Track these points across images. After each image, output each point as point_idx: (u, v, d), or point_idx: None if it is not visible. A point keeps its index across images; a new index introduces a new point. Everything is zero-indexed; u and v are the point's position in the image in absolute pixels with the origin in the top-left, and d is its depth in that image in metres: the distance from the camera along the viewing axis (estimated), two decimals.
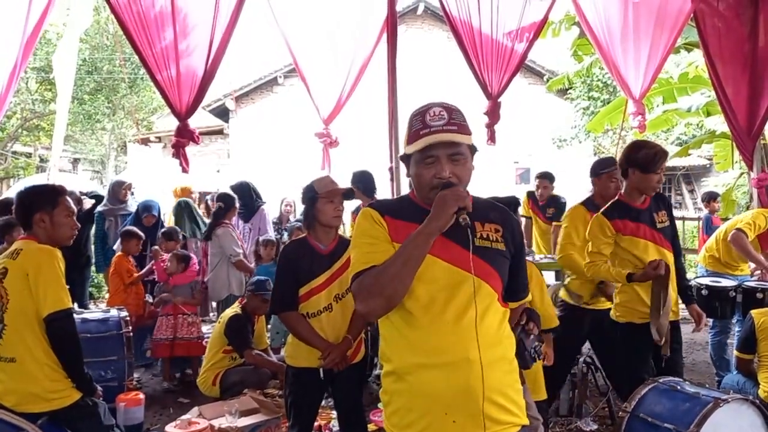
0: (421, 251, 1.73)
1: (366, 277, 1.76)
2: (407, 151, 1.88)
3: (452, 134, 1.80)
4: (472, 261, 1.80)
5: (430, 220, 1.75)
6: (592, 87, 13.87)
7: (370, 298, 1.73)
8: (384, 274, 1.72)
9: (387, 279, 1.71)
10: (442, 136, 1.79)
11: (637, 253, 3.46)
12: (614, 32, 6.76)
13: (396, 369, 1.83)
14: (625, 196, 3.59)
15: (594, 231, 3.55)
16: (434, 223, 1.74)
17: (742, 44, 6.58)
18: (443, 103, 1.88)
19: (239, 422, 3.74)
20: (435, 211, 1.75)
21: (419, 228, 1.75)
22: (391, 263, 1.72)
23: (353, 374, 3.13)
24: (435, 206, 1.76)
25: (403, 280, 1.72)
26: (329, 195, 3.05)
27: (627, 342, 3.52)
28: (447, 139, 1.79)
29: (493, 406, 1.76)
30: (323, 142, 6.90)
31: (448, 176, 1.80)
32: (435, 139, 1.79)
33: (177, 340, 5.22)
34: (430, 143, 1.79)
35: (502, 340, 1.85)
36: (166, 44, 5.45)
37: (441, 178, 1.81)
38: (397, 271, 1.71)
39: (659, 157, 3.42)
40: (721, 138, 8.98)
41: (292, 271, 3.06)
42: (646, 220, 3.52)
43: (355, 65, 6.75)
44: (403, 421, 1.80)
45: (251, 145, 17.60)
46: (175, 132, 5.71)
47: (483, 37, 6.56)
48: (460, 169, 1.84)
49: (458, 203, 1.75)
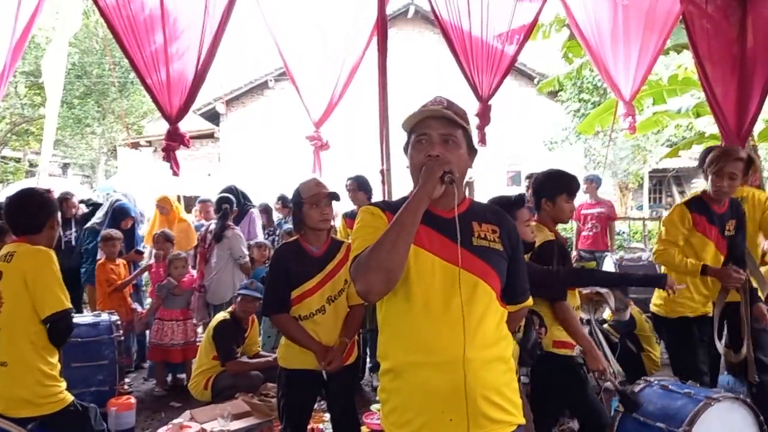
0: (413, 218, 1.72)
1: (362, 255, 1.75)
2: (403, 128, 1.92)
3: (446, 110, 1.84)
4: (467, 258, 1.81)
5: (418, 187, 1.77)
6: (582, 89, 13.93)
7: (369, 274, 1.70)
8: (380, 247, 1.70)
9: (383, 251, 1.69)
10: (435, 110, 1.84)
11: (698, 252, 3.59)
12: (604, 34, 6.80)
13: (393, 367, 1.84)
14: (707, 196, 3.69)
15: (674, 220, 3.64)
16: (422, 189, 1.76)
17: (730, 46, 6.61)
18: (445, 97, 1.95)
19: (231, 425, 3.73)
20: (422, 179, 1.78)
21: (410, 197, 1.76)
22: (386, 235, 1.71)
23: (346, 376, 3.12)
24: (422, 175, 1.78)
25: (399, 249, 1.69)
26: (314, 199, 3.04)
27: (682, 336, 3.59)
28: (439, 114, 1.83)
29: (490, 405, 1.77)
30: (314, 145, 6.89)
31: (437, 154, 1.82)
32: (429, 112, 1.84)
33: (170, 346, 5.19)
34: (425, 116, 1.84)
35: (499, 341, 1.85)
36: (156, 48, 5.42)
37: (430, 156, 1.82)
38: (392, 241, 1.69)
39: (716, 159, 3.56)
40: (710, 139, 9.03)
41: (284, 274, 3.04)
42: (719, 224, 3.64)
43: (346, 68, 6.74)
44: (400, 419, 1.81)
45: (242, 148, 17.58)
46: (166, 136, 5.68)
47: (473, 40, 6.57)
48: (452, 152, 1.85)
49: (443, 167, 1.78)
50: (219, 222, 6.00)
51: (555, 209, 3.26)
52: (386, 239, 1.70)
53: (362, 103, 9.41)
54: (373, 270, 1.70)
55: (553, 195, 3.26)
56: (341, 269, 3.08)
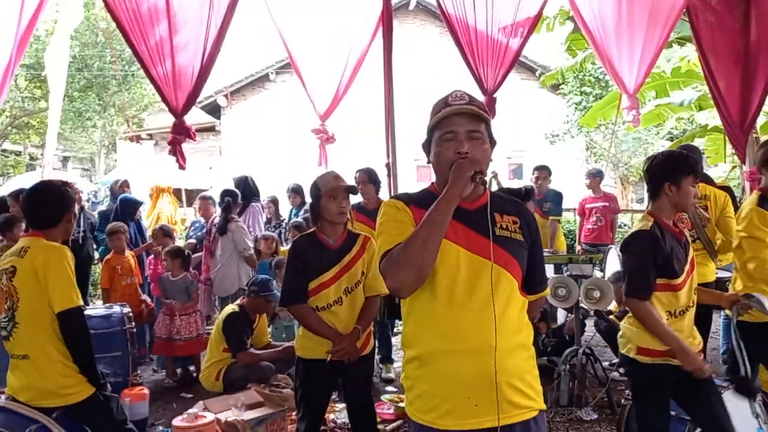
0: (444, 218, 1.77)
1: (393, 252, 1.79)
2: (429, 128, 1.95)
3: (471, 107, 1.89)
4: (493, 249, 1.84)
5: (449, 186, 1.81)
6: (584, 82, 13.94)
7: (400, 271, 1.75)
8: (412, 245, 1.75)
9: (415, 249, 1.74)
10: (462, 107, 1.88)
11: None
12: (608, 27, 6.80)
13: (420, 355, 1.88)
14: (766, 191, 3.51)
15: (757, 225, 3.39)
16: (453, 189, 1.80)
17: (734, 39, 6.61)
18: (464, 91, 1.98)
19: (245, 415, 3.76)
20: (453, 178, 1.82)
21: (440, 196, 1.81)
22: (417, 233, 1.77)
23: (363, 366, 3.15)
24: (452, 174, 1.82)
25: (430, 248, 1.75)
26: (332, 192, 3.07)
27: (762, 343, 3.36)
28: (467, 110, 1.88)
29: (514, 391, 1.82)
30: (320, 138, 6.90)
31: (466, 151, 1.86)
32: (455, 110, 1.87)
33: (176, 341, 5.22)
34: (450, 113, 1.88)
35: (522, 328, 1.90)
36: (161, 39, 5.40)
37: (459, 153, 1.86)
38: (424, 239, 1.74)
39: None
40: (713, 132, 9.06)
41: (302, 266, 3.08)
42: None
43: (351, 61, 6.76)
44: (426, 405, 1.85)
45: (243, 141, 17.57)
46: (172, 129, 5.67)
47: (478, 33, 6.57)
48: (478, 148, 1.89)
49: (474, 167, 1.83)
50: (222, 214, 6.03)
51: (680, 194, 2.88)
52: (418, 237, 1.75)
53: (367, 96, 9.42)
54: (404, 267, 1.75)
55: (678, 178, 2.87)
56: (358, 261, 3.12)
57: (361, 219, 5.12)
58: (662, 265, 2.78)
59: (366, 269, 3.15)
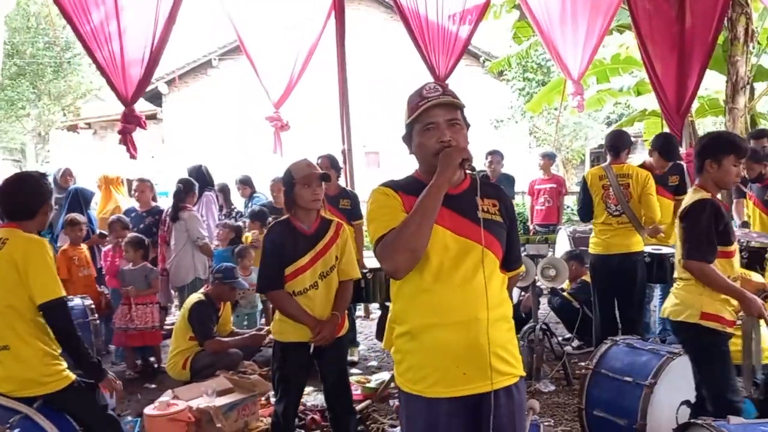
0: (435, 203, 1.90)
1: (388, 237, 1.92)
2: (408, 122, 2.05)
3: (447, 97, 2.01)
4: (478, 231, 1.98)
5: (438, 174, 1.93)
6: (527, 68, 14.25)
7: (396, 254, 1.89)
8: (406, 230, 1.88)
9: (409, 233, 1.88)
10: (440, 99, 1.99)
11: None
12: (553, 15, 7.01)
13: (410, 329, 2.01)
14: None
15: None
16: (443, 176, 1.92)
17: (670, 26, 6.91)
18: (436, 81, 2.08)
19: (216, 402, 3.77)
20: (441, 166, 1.94)
21: (431, 182, 1.93)
22: (410, 219, 1.90)
23: (338, 347, 3.24)
24: (441, 161, 1.94)
25: (423, 231, 1.89)
26: (305, 180, 3.11)
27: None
28: (444, 101, 1.99)
29: (498, 359, 1.97)
30: (274, 125, 6.89)
31: (449, 139, 1.98)
32: (434, 102, 1.98)
33: (131, 330, 5.16)
34: (430, 105, 1.98)
35: (503, 302, 2.06)
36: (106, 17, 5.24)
37: (443, 141, 1.98)
38: (417, 224, 1.88)
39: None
40: (651, 116, 9.46)
41: (277, 252, 3.14)
42: None
43: (304, 47, 6.73)
44: (417, 375, 1.99)
45: (187, 129, 17.22)
46: (121, 117, 5.55)
47: (429, 20, 6.69)
48: (458, 134, 2.01)
49: (461, 155, 1.95)
50: (173, 202, 5.95)
51: (720, 171, 3.04)
52: (411, 222, 1.89)
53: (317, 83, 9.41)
54: (399, 251, 1.89)
55: (719, 156, 3.04)
56: (332, 246, 3.20)
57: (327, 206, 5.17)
58: (722, 231, 2.99)
59: (340, 254, 3.23)
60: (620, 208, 4.70)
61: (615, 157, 4.88)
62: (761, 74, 8.05)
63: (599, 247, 4.77)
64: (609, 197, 4.74)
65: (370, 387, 4.47)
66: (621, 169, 4.80)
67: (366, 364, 5.31)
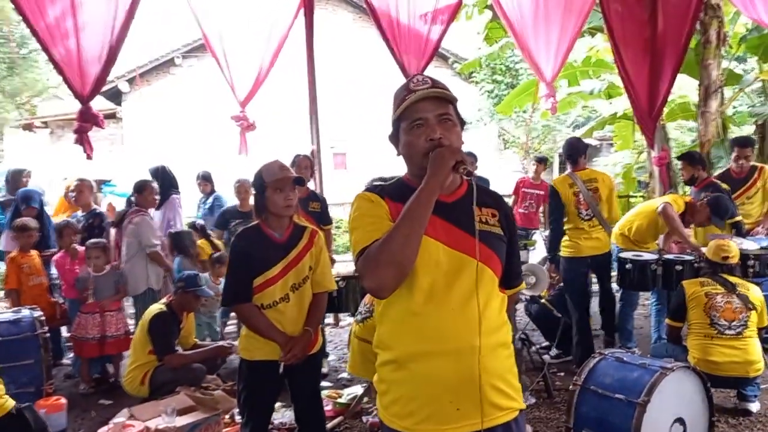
0: (425, 211, 1.65)
1: (372, 249, 1.65)
2: (395, 118, 1.80)
3: (436, 89, 1.77)
4: (475, 245, 1.73)
5: (428, 177, 1.67)
6: (496, 71, 14.22)
7: (380, 269, 1.62)
8: (391, 242, 1.62)
9: (396, 245, 1.62)
10: (428, 92, 1.75)
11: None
12: (526, 16, 6.92)
13: (397, 357, 1.75)
14: None
15: None
16: (434, 180, 1.67)
17: (643, 29, 6.88)
18: (425, 74, 1.84)
19: (177, 422, 3.51)
20: (433, 168, 1.68)
21: (420, 187, 1.68)
22: (397, 229, 1.63)
23: (310, 365, 2.99)
24: (432, 163, 1.69)
25: (411, 243, 1.63)
26: (278, 184, 2.86)
27: None
28: (433, 94, 1.75)
29: (496, 392, 1.73)
30: (240, 125, 6.61)
31: (439, 136, 1.74)
32: (422, 95, 1.74)
33: (107, 338, 4.83)
34: (417, 99, 1.74)
35: (502, 326, 1.81)
36: (62, 14, 5.01)
37: (432, 139, 1.74)
38: (405, 236, 1.62)
39: None
40: (621, 120, 9.46)
41: (246, 261, 2.88)
42: None
43: (271, 46, 6.50)
44: (404, 410, 1.73)
45: (148, 129, 16.75)
46: (78, 116, 5.29)
47: (400, 20, 6.54)
48: (450, 132, 1.77)
49: (455, 157, 1.70)
50: (125, 206, 5.62)
51: None
52: (398, 233, 1.63)
53: (284, 82, 9.16)
54: (384, 265, 1.62)
55: None
56: (305, 256, 2.95)
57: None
58: None
59: (314, 264, 2.98)
60: (590, 212, 4.95)
61: (575, 165, 5.14)
62: (732, 78, 8.09)
63: (572, 249, 4.99)
64: (580, 203, 4.97)
65: (341, 402, 4.22)
66: (586, 175, 5.09)
67: (336, 376, 5.07)
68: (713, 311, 3.99)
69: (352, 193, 1.98)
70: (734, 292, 4.05)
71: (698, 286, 4.14)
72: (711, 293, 4.06)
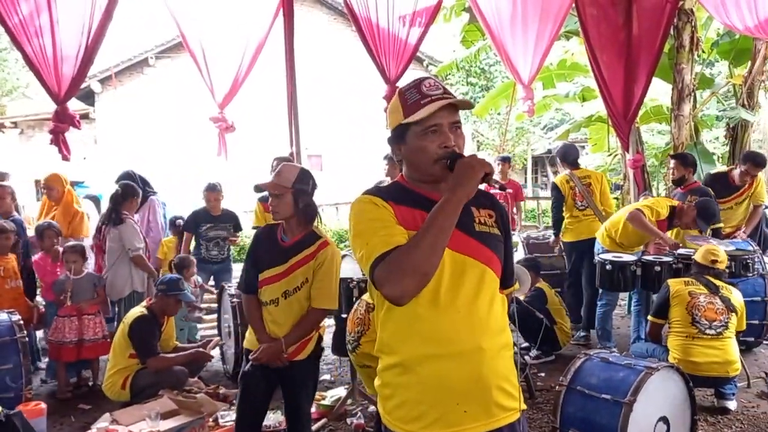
0: (452, 221, 1.64)
1: (394, 257, 1.63)
2: (409, 121, 1.76)
3: (459, 99, 1.78)
4: (477, 247, 1.75)
5: (456, 187, 1.66)
6: (470, 73, 14.34)
7: (404, 278, 1.61)
8: (417, 250, 1.61)
9: (421, 255, 1.60)
10: (449, 99, 1.74)
11: None
12: (504, 18, 6.98)
13: (403, 361, 1.74)
14: None
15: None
16: (462, 191, 1.66)
17: (617, 32, 6.98)
18: (434, 78, 1.84)
19: (161, 426, 3.47)
20: (462, 179, 1.67)
21: (446, 197, 1.66)
22: (423, 238, 1.62)
23: (295, 373, 2.96)
24: (461, 173, 1.67)
25: (437, 252, 1.62)
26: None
27: None
28: (453, 102, 1.75)
29: (502, 394, 1.74)
30: (219, 127, 6.55)
31: (453, 144, 1.74)
32: (443, 103, 1.72)
33: (85, 342, 4.75)
34: (437, 108, 1.72)
35: (505, 327, 1.82)
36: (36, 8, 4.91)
37: (447, 147, 1.74)
38: (431, 245, 1.61)
39: None
40: (596, 122, 9.60)
41: (253, 256, 3.01)
42: None
43: (250, 47, 6.44)
44: (410, 414, 1.72)
45: (121, 130, 16.54)
46: (53, 116, 5.21)
47: (380, 22, 6.54)
48: (460, 139, 1.79)
49: (485, 169, 1.68)
50: (109, 207, 5.54)
51: None
52: (423, 243, 1.62)
53: (263, 83, 9.10)
54: (409, 274, 1.61)
55: None
56: (301, 267, 2.92)
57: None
58: None
59: (311, 277, 2.93)
60: (585, 203, 5.94)
61: (574, 166, 6.14)
62: (703, 82, 8.27)
63: (572, 233, 6.02)
64: (576, 196, 5.98)
65: (325, 404, 4.22)
66: (581, 173, 6.15)
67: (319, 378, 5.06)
68: (695, 310, 4.07)
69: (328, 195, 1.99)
70: (717, 293, 4.14)
71: (682, 285, 4.23)
72: (695, 293, 4.15)
